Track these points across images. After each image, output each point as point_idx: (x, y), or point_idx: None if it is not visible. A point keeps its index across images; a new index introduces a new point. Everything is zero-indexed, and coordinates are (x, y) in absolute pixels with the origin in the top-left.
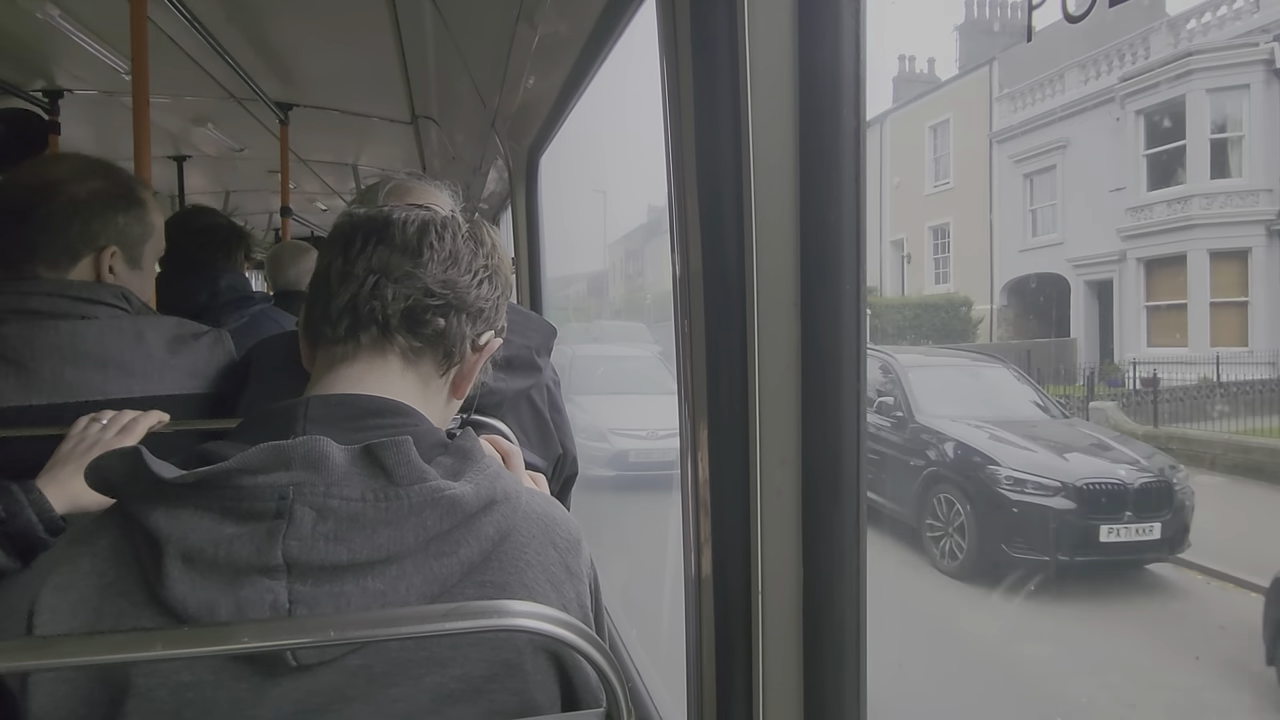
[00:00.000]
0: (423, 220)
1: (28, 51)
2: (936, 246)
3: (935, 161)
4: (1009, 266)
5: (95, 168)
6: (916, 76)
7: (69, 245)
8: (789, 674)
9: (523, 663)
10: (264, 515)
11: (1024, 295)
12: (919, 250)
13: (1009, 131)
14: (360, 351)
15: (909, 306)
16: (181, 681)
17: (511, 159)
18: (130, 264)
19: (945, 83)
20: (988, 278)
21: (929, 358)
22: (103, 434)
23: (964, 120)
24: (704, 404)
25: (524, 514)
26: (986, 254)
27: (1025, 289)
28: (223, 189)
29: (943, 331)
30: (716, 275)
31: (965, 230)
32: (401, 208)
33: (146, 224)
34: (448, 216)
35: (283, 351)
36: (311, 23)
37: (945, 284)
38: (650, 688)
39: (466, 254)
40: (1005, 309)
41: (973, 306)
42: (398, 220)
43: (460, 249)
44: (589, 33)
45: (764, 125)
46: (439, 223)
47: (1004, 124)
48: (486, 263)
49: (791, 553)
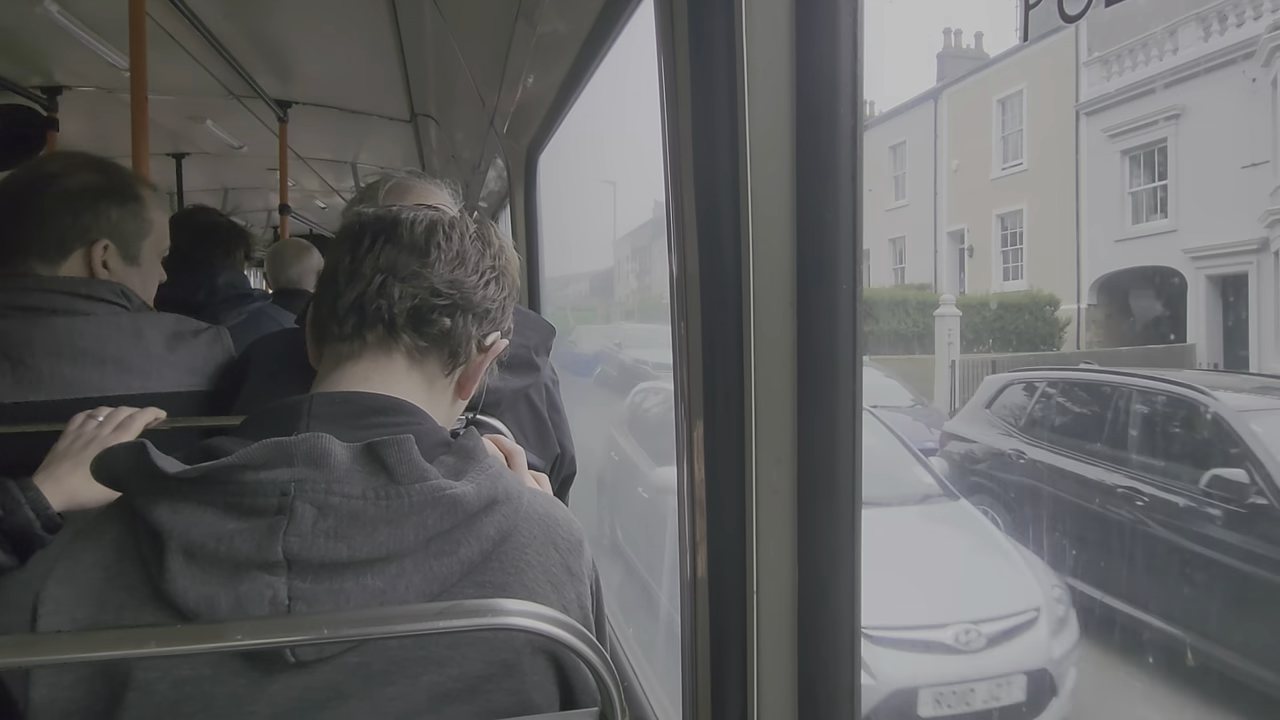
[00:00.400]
0: (431, 220)
1: (26, 47)
2: (1006, 238)
3: (1004, 140)
4: (1101, 259)
5: (90, 163)
6: (963, 52)
7: (59, 238)
8: (784, 673)
9: (520, 663)
10: (265, 511)
11: (1122, 293)
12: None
13: (1101, 101)
14: (366, 350)
15: (986, 307)
16: (181, 676)
17: (510, 157)
18: (127, 260)
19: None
20: (1072, 273)
21: None
22: (99, 431)
23: (1041, 91)
24: (700, 403)
25: (526, 514)
26: (1070, 245)
27: (1125, 285)
28: (221, 186)
29: (1025, 336)
30: (713, 275)
31: (1042, 218)
32: (410, 207)
33: (144, 220)
34: (455, 217)
35: (281, 349)
36: (311, 20)
37: (1016, 280)
38: (647, 688)
39: (474, 254)
40: (1095, 309)
41: (1059, 306)
42: (406, 220)
43: (468, 249)
44: (588, 31)
45: (761, 125)
46: (447, 223)
47: (1094, 93)
48: (494, 263)
49: (787, 552)
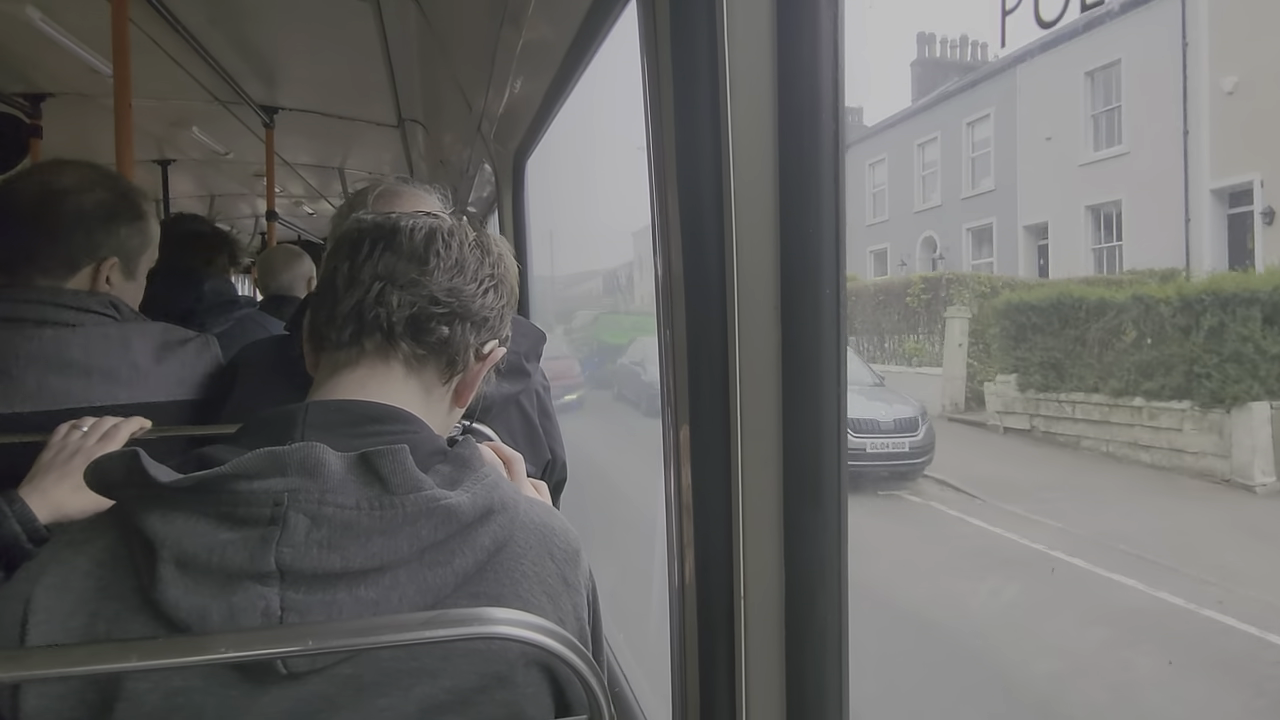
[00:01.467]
0: (431, 228)
1: (8, 54)
2: None
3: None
4: None
5: (102, 179)
6: None
7: (70, 255)
8: (771, 678)
9: (513, 675)
10: (258, 521)
11: None
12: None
13: None
14: (363, 358)
15: None
16: (173, 687)
17: (498, 162)
18: (127, 275)
19: None
20: None
21: None
22: (84, 441)
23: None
24: (686, 407)
25: (522, 524)
26: None
27: None
28: (208, 193)
29: None
30: (698, 279)
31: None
32: (409, 215)
33: (146, 235)
34: (454, 224)
35: (269, 356)
36: (296, 25)
37: None
38: (639, 695)
39: (473, 262)
40: None
41: None
42: (406, 227)
43: (466, 257)
44: (573, 36)
45: (744, 128)
46: (446, 230)
47: None
48: (493, 272)
49: (773, 556)
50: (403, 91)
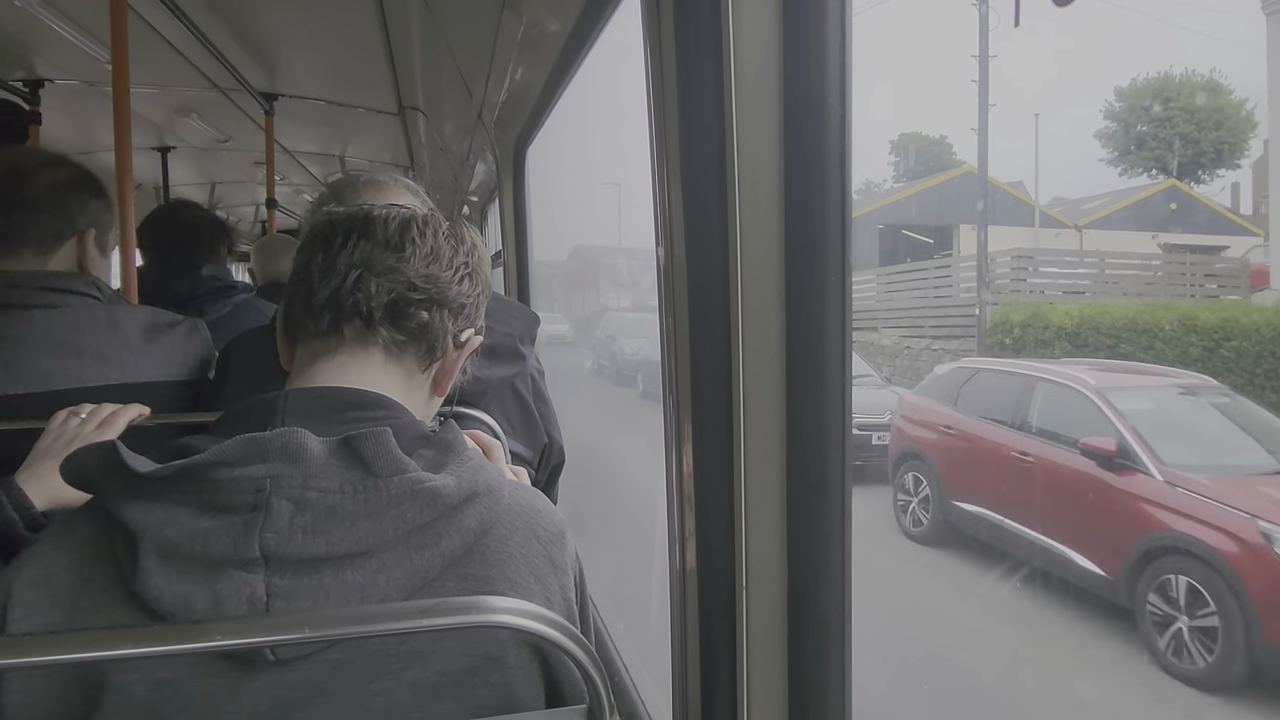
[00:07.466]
0: (404, 217)
1: (7, 41)
2: None
3: None
4: None
5: (61, 159)
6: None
7: (55, 229)
8: (773, 668)
9: (504, 656)
10: (241, 508)
11: None
12: None
13: None
14: (343, 345)
15: None
16: (159, 677)
17: (499, 150)
18: (100, 250)
19: None
20: None
21: None
22: (82, 428)
23: None
24: (688, 397)
25: (507, 506)
26: None
27: None
28: (208, 180)
29: None
30: (700, 268)
31: None
32: (381, 206)
33: (113, 212)
34: (428, 214)
35: (264, 344)
36: (296, 12)
37: None
38: (637, 681)
39: (447, 251)
40: None
41: None
42: (379, 217)
43: (441, 245)
44: (574, 23)
45: (748, 115)
46: (420, 219)
47: None
48: (467, 260)
49: (776, 546)
50: (403, 79)
